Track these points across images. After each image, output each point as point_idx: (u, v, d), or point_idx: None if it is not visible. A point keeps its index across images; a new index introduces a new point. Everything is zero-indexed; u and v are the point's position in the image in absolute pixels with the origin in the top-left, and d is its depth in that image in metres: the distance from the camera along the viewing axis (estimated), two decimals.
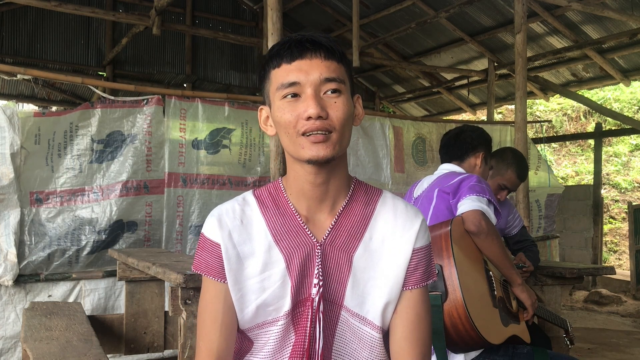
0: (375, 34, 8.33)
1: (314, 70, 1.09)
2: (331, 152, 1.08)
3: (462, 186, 2.21)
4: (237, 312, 1.16)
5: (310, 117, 1.06)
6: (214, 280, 1.15)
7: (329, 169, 1.13)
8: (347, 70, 1.14)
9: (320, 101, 1.08)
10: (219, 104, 4.43)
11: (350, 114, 1.13)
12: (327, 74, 1.09)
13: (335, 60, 1.11)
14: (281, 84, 1.10)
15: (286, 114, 1.10)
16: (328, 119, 1.08)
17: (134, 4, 8.22)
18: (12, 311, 3.56)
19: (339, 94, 1.10)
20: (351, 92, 1.15)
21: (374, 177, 5.10)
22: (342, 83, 1.11)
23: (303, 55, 1.09)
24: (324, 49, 1.10)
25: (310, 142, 1.08)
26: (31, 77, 4.04)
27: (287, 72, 1.10)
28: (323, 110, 1.07)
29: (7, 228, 3.56)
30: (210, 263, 1.16)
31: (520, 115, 4.58)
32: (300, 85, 1.09)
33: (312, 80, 1.08)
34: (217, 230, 1.15)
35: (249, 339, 1.19)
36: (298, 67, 1.09)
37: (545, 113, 12.86)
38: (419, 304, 1.18)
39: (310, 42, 1.10)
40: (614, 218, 10.88)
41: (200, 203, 4.27)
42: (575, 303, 7.17)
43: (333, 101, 1.09)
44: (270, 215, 1.17)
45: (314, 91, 1.08)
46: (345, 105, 1.10)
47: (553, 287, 3.04)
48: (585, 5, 5.54)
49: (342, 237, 1.16)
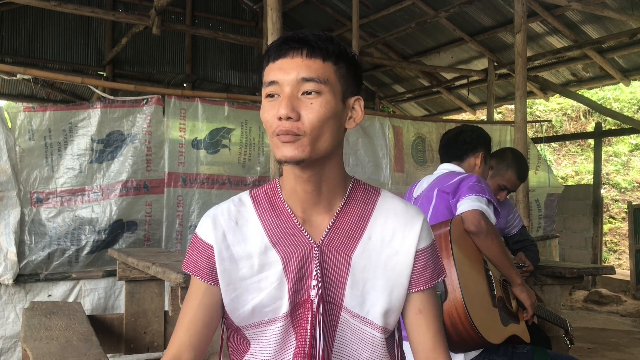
0: (375, 33, 8.33)
1: (292, 69, 1.06)
2: (300, 153, 1.06)
3: (461, 186, 2.21)
4: (232, 311, 1.15)
5: (281, 118, 1.05)
6: (198, 279, 1.16)
7: (316, 170, 1.11)
8: (338, 70, 1.09)
9: (293, 101, 1.05)
10: (219, 104, 4.43)
11: (331, 116, 1.07)
12: (305, 74, 1.06)
13: (319, 59, 1.07)
14: (264, 83, 1.10)
15: (265, 113, 1.09)
16: (299, 120, 1.05)
17: (133, 4, 8.22)
18: (12, 311, 3.56)
19: (317, 95, 1.06)
20: (346, 92, 1.11)
21: (374, 176, 5.10)
22: (322, 83, 1.06)
23: (285, 54, 1.08)
24: (308, 47, 1.07)
25: (280, 142, 1.07)
26: (31, 77, 4.04)
27: (270, 70, 1.09)
28: (293, 111, 1.04)
29: (7, 227, 3.56)
30: (199, 263, 1.16)
31: (520, 115, 4.58)
32: (279, 84, 1.07)
33: (289, 80, 1.06)
34: (211, 232, 1.15)
35: (246, 339, 1.18)
36: (280, 65, 1.08)
37: (545, 113, 12.86)
38: (437, 304, 1.21)
39: (296, 40, 1.07)
40: (613, 218, 10.88)
41: (200, 203, 4.27)
42: (575, 303, 7.17)
43: (309, 102, 1.06)
44: (266, 216, 1.17)
45: (290, 91, 1.06)
46: (323, 107, 1.06)
47: (553, 287, 3.04)
48: (585, 5, 5.54)
49: (340, 237, 1.15)
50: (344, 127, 1.13)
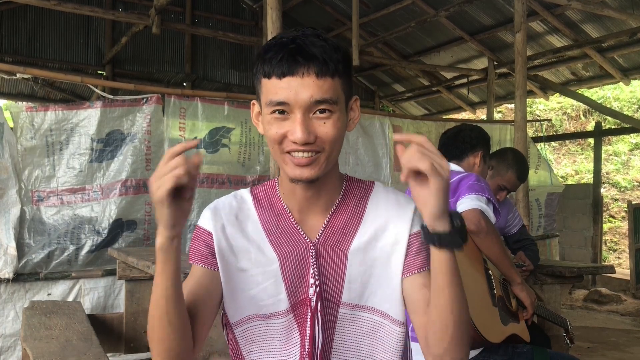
0: (375, 33, 8.33)
1: (304, 90, 1.02)
2: (316, 173, 1.07)
3: (461, 185, 2.21)
4: (229, 301, 1.16)
5: (296, 142, 1.03)
6: (199, 265, 1.15)
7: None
8: (343, 82, 1.07)
9: (308, 124, 1.03)
10: (219, 103, 4.43)
11: (342, 131, 1.09)
12: (318, 96, 1.03)
13: (329, 77, 1.04)
14: (270, 101, 1.05)
15: (273, 130, 1.06)
16: (317, 141, 1.05)
17: (133, 3, 8.21)
18: (11, 309, 3.56)
19: (329, 114, 1.05)
20: (348, 100, 1.11)
21: (374, 176, 5.11)
22: (334, 104, 1.05)
23: (294, 72, 1.02)
24: (317, 65, 1.02)
25: (294, 163, 1.06)
26: (31, 76, 4.04)
27: (276, 88, 1.04)
28: (311, 135, 1.03)
29: (7, 223, 3.57)
30: (200, 250, 1.16)
31: (520, 114, 4.58)
32: (289, 105, 1.03)
33: (301, 102, 1.02)
34: (211, 221, 1.16)
35: (244, 339, 1.17)
36: (288, 84, 1.02)
37: (545, 112, 12.86)
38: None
39: (304, 56, 1.02)
40: (613, 217, 10.87)
41: (199, 202, 4.26)
42: (575, 302, 7.17)
43: (322, 122, 1.05)
44: (265, 214, 1.18)
45: (303, 113, 1.03)
46: (336, 124, 1.06)
47: (553, 286, 3.04)
48: (585, 4, 5.54)
49: (335, 235, 1.16)
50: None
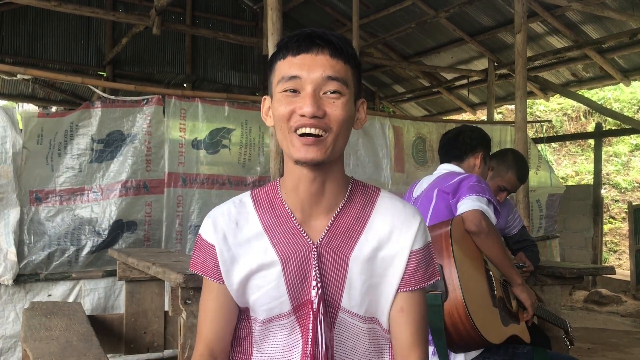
0: (375, 33, 8.33)
1: (317, 66, 1.06)
2: (322, 155, 1.07)
3: (461, 186, 2.21)
4: (242, 304, 1.19)
5: (304, 115, 1.05)
6: (210, 280, 1.19)
7: (324, 170, 1.12)
8: (353, 73, 1.11)
9: (318, 100, 1.06)
10: (219, 104, 4.43)
11: (350, 118, 1.10)
12: (330, 73, 1.06)
13: (342, 60, 1.08)
14: (282, 77, 1.08)
15: (282, 107, 1.08)
16: (325, 118, 1.06)
17: (133, 4, 8.21)
18: (11, 310, 3.56)
19: (339, 95, 1.07)
20: (356, 95, 1.13)
21: (374, 176, 5.10)
22: (344, 85, 1.08)
23: (309, 50, 1.07)
24: (332, 47, 1.08)
25: (301, 143, 1.06)
26: (31, 77, 4.04)
27: (290, 65, 1.07)
28: (320, 109, 1.05)
29: (7, 227, 3.56)
30: (207, 263, 1.18)
31: (520, 115, 4.58)
32: (301, 80, 1.06)
33: (313, 77, 1.06)
34: (212, 233, 1.17)
35: (255, 337, 1.19)
36: (302, 61, 1.07)
37: (545, 113, 12.86)
38: (422, 304, 1.18)
39: (320, 38, 1.08)
40: (614, 218, 10.87)
41: (200, 203, 4.26)
42: (575, 303, 7.16)
43: (332, 101, 1.07)
44: (266, 217, 1.17)
45: (314, 89, 1.06)
46: (345, 107, 1.08)
47: (553, 287, 3.04)
48: (585, 5, 5.54)
49: (338, 238, 1.15)
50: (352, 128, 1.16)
